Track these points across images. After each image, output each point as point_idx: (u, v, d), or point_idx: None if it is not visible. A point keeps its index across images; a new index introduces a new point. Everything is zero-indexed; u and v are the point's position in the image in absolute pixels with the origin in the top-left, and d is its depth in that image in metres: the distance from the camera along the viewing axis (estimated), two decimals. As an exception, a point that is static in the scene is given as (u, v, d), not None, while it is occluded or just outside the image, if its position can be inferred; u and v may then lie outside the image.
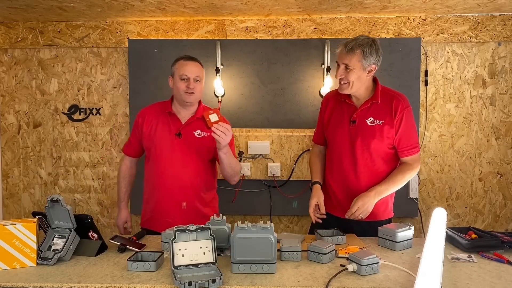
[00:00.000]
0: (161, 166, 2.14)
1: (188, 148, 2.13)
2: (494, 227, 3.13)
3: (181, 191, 2.14)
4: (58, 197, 1.67)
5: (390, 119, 2.01)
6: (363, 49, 1.93)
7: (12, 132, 3.28)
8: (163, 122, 2.17)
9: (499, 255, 1.68)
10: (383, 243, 1.83)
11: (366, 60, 1.95)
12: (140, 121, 2.22)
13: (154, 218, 2.19)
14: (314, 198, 2.06)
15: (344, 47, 1.97)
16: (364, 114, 2.04)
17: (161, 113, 2.19)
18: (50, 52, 3.23)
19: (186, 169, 2.13)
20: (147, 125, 2.19)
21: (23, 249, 1.60)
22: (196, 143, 2.14)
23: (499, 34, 3.03)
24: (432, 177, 3.13)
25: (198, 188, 2.17)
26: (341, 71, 1.98)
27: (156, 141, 2.16)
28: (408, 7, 2.87)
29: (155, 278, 1.47)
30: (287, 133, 3.02)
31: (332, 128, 2.13)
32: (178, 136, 2.14)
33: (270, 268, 1.50)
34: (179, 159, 2.13)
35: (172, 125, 2.16)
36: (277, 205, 3.08)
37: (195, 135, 2.15)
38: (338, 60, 2.01)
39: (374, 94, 2.05)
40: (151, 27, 3.14)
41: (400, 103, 2.02)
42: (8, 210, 3.32)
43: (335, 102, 2.16)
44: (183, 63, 2.12)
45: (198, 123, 2.16)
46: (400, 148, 2.05)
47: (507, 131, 3.10)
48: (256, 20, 3.10)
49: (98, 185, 3.27)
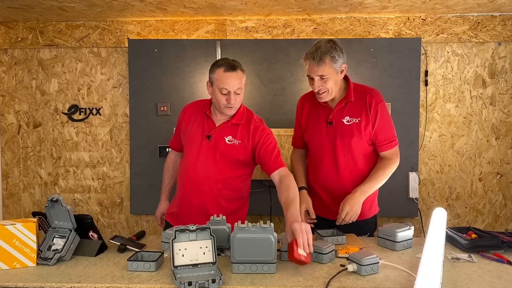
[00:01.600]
0: (187, 166, 2.09)
1: (215, 152, 2.03)
2: (494, 227, 3.13)
3: (200, 195, 2.04)
4: (58, 197, 1.67)
5: (366, 116, 2.02)
6: (331, 55, 1.91)
7: (12, 132, 3.28)
8: (199, 121, 2.10)
9: (499, 255, 1.68)
10: (383, 243, 1.83)
11: (337, 64, 1.94)
12: (181, 116, 2.19)
13: (175, 214, 2.15)
14: (303, 204, 2.03)
15: (312, 60, 1.92)
16: (339, 114, 2.05)
17: (199, 112, 2.12)
18: (50, 52, 3.23)
19: (208, 173, 2.03)
20: (186, 122, 2.15)
21: (23, 249, 1.60)
22: (225, 149, 2.03)
23: (499, 34, 3.03)
24: (432, 177, 3.13)
25: (218, 195, 2.04)
26: (318, 83, 1.95)
27: (188, 140, 2.12)
28: (408, 7, 2.87)
29: (155, 278, 1.47)
30: (287, 133, 3.01)
31: (310, 132, 2.13)
32: (208, 139, 2.05)
33: (270, 268, 1.50)
34: (203, 162, 2.04)
35: (206, 126, 2.07)
36: (277, 205, 3.05)
37: (225, 141, 2.03)
38: (309, 74, 1.97)
39: (347, 93, 2.05)
40: (151, 27, 3.14)
41: (373, 98, 2.02)
42: (8, 210, 3.32)
43: (310, 105, 2.15)
44: (224, 75, 1.94)
45: (231, 128, 2.04)
46: (378, 143, 2.06)
47: (507, 131, 3.10)
48: (256, 20, 3.10)
49: (98, 185, 3.27)
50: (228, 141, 2.04)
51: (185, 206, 2.10)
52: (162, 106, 3.06)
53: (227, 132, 2.04)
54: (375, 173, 2.05)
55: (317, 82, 1.95)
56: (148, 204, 3.04)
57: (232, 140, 2.03)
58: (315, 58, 1.90)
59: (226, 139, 2.04)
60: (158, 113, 3.07)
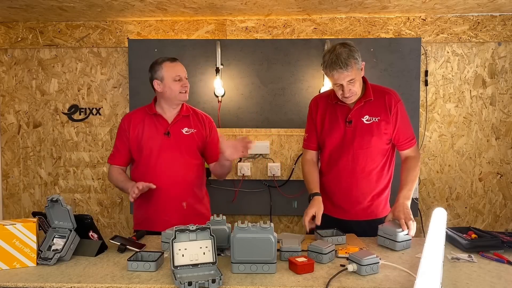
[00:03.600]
0: (153, 166, 2.16)
1: (179, 146, 2.17)
2: (494, 227, 3.13)
3: (175, 188, 2.16)
4: (58, 197, 1.67)
5: (386, 115, 2.03)
6: (354, 58, 1.92)
7: (12, 132, 3.28)
8: (149, 123, 2.19)
9: (499, 255, 1.68)
10: (382, 241, 1.83)
11: (358, 64, 1.96)
12: (126, 126, 2.21)
13: (150, 218, 2.18)
14: (313, 208, 1.99)
15: (339, 68, 1.89)
16: (359, 113, 2.05)
17: (145, 116, 2.21)
18: (50, 52, 3.23)
19: (178, 166, 2.16)
20: (134, 128, 2.19)
21: (23, 249, 1.60)
22: (185, 140, 2.19)
23: (499, 34, 3.03)
24: (432, 177, 3.13)
25: (191, 184, 2.21)
26: (348, 87, 1.94)
27: (144, 143, 2.17)
28: (408, 7, 2.87)
29: (155, 278, 1.47)
30: (287, 133, 3.02)
31: (327, 131, 2.11)
32: (167, 135, 2.17)
33: (270, 268, 1.50)
34: (170, 157, 2.16)
35: (159, 125, 2.18)
36: (277, 205, 3.08)
37: (183, 133, 2.19)
38: (337, 81, 1.94)
39: (366, 92, 2.06)
40: (151, 27, 3.14)
41: (392, 98, 2.05)
42: (8, 210, 3.32)
43: (325, 104, 2.14)
44: (172, 65, 2.16)
45: (184, 120, 2.21)
46: (400, 142, 2.07)
47: (507, 131, 3.10)
48: (256, 20, 3.10)
49: (98, 185, 3.27)
50: (185, 132, 2.19)
51: (158, 206, 2.16)
52: (162, 106, 3.07)
53: (182, 124, 2.21)
54: (408, 175, 2.02)
55: (346, 86, 1.94)
56: (148, 204, 3.04)
57: (188, 130, 2.21)
58: (342, 65, 1.89)
59: (183, 130, 2.19)
60: (158, 113, 3.06)
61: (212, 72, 3.03)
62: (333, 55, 1.92)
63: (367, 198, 2.07)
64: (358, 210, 2.08)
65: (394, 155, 2.14)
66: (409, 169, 2.05)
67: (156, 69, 2.17)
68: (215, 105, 3.06)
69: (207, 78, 3.07)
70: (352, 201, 2.06)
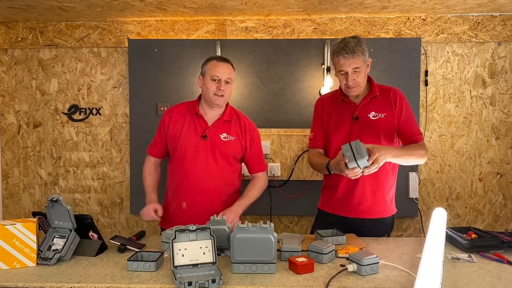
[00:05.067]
0: (185, 167, 2.10)
1: (213, 150, 2.08)
2: (494, 227, 3.13)
3: (204, 194, 2.09)
4: (58, 197, 1.67)
5: (391, 111, 2.05)
6: (361, 48, 1.97)
7: (12, 132, 3.28)
8: (189, 122, 2.12)
9: (499, 255, 1.68)
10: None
11: (365, 56, 2.00)
12: (166, 120, 2.15)
13: (176, 220, 2.10)
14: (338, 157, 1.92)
15: (346, 54, 1.95)
16: (365, 109, 2.07)
17: (187, 113, 2.14)
18: (50, 52, 3.23)
19: (210, 172, 2.08)
20: (173, 125, 2.13)
21: (23, 249, 1.60)
22: (221, 146, 2.10)
23: (499, 34, 3.03)
24: (432, 177, 3.13)
25: (221, 191, 2.12)
26: (352, 76, 1.98)
27: (181, 142, 2.10)
28: (408, 7, 2.87)
29: (155, 278, 1.47)
30: (287, 133, 3.02)
31: (334, 128, 2.12)
32: (204, 138, 2.09)
33: (270, 268, 1.50)
34: (203, 161, 2.08)
35: (199, 126, 2.11)
36: (277, 205, 3.08)
37: (221, 138, 2.10)
38: (342, 68, 1.98)
39: (372, 89, 2.08)
40: (151, 27, 3.14)
41: (397, 95, 2.08)
42: (8, 210, 3.32)
43: (331, 103, 2.16)
44: (215, 64, 2.07)
45: (224, 125, 2.12)
46: (407, 136, 2.07)
47: (507, 131, 3.10)
48: (256, 20, 3.10)
49: (98, 185, 3.27)
50: (223, 138, 2.11)
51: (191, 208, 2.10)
52: (162, 106, 3.06)
53: (221, 129, 2.11)
54: (407, 147, 2.03)
55: (351, 75, 1.98)
56: (148, 204, 3.04)
57: (227, 137, 2.11)
58: (349, 51, 1.94)
59: (221, 136, 2.10)
60: (158, 113, 3.06)
61: (212, 72, 3.03)
62: (342, 43, 1.98)
63: (372, 196, 2.07)
64: (364, 208, 2.07)
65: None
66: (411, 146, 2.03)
67: (204, 64, 2.12)
68: (215, 105, 3.06)
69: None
70: (358, 199, 2.06)
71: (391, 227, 2.16)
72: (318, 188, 2.30)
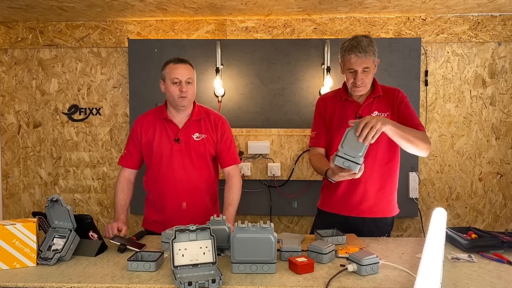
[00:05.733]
0: (163, 172, 2.12)
1: (188, 152, 2.12)
2: (494, 227, 3.13)
3: (186, 195, 2.12)
4: (58, 197, 1.67)
5: (393, 111, 2.06)
6: (373, 48, 1.98)
7: (12, 132, 3.28)
8: (161, 128, 2.14)
9: (499, 255, 1.68)
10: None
11: (375, 57, 2.01)
12: (138, 129, 2.17)
13: (160, 223, 2.12)
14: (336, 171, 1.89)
15: (358, 53, 1.93)
16: (368, 108, 2.07)
17: (157, 120, 2.16)
18: (50, 52, 3.23)
19: (188, 173, 2.11)
20: (145, 132, 2.15)
21: (23, 249, 1.60)
22: (196, 147, 2.13)
23: (499, 34, 3.03)
24: (432, 177, 3.13)
25: (202, 191, 2.16)
26: (361, 75, 1.97)
27: (155, 148, 2.13)
28: (408, 7, 2.87)
29: (155, 278, 1.47)
30: (287, 133, 3.02)
31: (337, 127, 2.11)
32: (177, 142, 2.11)
33: (270, 268, 1.50)
34: (180, 164, 2.11)
35: (170, 131, 2.13)
36: (277, 205, 3.08)
37: (193, 139, 2.13)
38: (353, 66, 1.96)
39: (375, 89, 2.09)
40: (151, 27, 3.14)
41: (399, 93, 2.09)
42: (8, 210, 3.32)
43: (334, 102, 2.15)
44: (173, 67, 2.08)
45: (195, 125, 2.15)
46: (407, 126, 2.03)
47: (507, 131, 3.10)
48: (256, 20, 3.10)
49: (98, 185, 3.27)
50: (196, 138, 2.13)
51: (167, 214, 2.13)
52: (162, 106, 3.07)
53: (192, 130, 2.14)
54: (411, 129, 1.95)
55: (360, 74, 1.97)
56: (148, 204, 3.04)
57: (199, 136, 2.14)
58: (361, 50, 1.94)
59: (194, 136, 2.13)
60: (158, 113, 3.06)
61: (212, 72, 3.03)
62: (354, 41, 1.97)
63: (374, 195, 2.07)
64: (365, 207, 2.07)
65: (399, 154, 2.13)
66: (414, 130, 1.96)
67: (163, 68, 2.13)
68: (215, 105, 3.06)
69: (207, 78, 3.07)
70: (359, 198, 2.06)
71: (391, 226, 2.16)
72: (318, 188, 2.30)
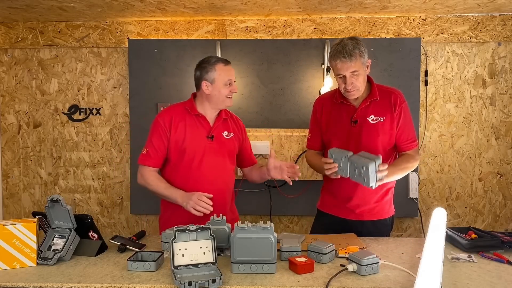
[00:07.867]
0: (195, 170, 2.03)
1: (221, 150, 2.08)
2: (494, 227, 3.13)
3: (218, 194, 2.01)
4: (58, 197, 1.67)
5: (391, 115, 2.03)
6: (359, 50, 1.93)
7: (12, 132, 3.28)
8: (192, 124, 2.05)
9: (499, 255, 1.68)
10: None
11: (364, 58, 1.96)
12: (167, 125, 2.03)
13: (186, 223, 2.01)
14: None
15: (343, 57, 1.91)
16: (364, 112, 2.04)
17: (186, 115, 2.06)
18: (50, 52, 3.23)
19: (221, 171, 2.08)
20: (175, 128, 2.03)
21: (23, 249, 1.60)
22: (226, 145, 2.10)
23: (499, 34, 3.03)
24: (432, 177, 3.13)
25: (230, 189, 2.16)
26: (350, 80, 1.94)
27: (187, 145, 2.03)
28: (408, 7, 2.87)
29: (155, 278, 1.47)
30: (287, 133, 3.02)
31: (332, 131, 2.11)
32: (211, 139, 2.06)
33: (270, 268, 1.50)
34: (213, 162, 2.05)
35: (202, 128, 2.06)
36: (277, 205, 3.08)
37: (224, 137, 2.10)
38: (340, 72, 1.94)
39: (371, 92, 2.05)
40: (151, 27, 3.14)
41: (398, 98, 2.05)
42: (8, 210, 3.32)
43: (330, 105, 2.13)
44: (226, 68, 2.03)
45: (224, 124, 2.13)
46: (401, 142, 2.06)
47: (507, 131, 3.10)
48: (256, 20, 3.10)
49: (98, 185, 3.27)
50: (226, 136, 2.12)
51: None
52: (162, 106, 3.06)
53: (222, 128, 2.13)
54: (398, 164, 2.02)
55: (349, 79, 1.94)
56: (148, 204, 3.04)
57: (228, 134, 2.14)
58: (346, 55, 1.90)
59: (224, 134, 2.12)
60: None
61: (212, 72, 3.03)
62: (339, 46, 1.94)
63: (373, 198, 2.07)
64: (364, 211, 2.07)
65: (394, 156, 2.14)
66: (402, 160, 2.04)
67: (208, 69, 2.02)
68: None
69: (207, 78, 3.06)
70: (358, 202, 2.06)
71: (390, 227, 2.16)
72: (318, 188, 2.31)
